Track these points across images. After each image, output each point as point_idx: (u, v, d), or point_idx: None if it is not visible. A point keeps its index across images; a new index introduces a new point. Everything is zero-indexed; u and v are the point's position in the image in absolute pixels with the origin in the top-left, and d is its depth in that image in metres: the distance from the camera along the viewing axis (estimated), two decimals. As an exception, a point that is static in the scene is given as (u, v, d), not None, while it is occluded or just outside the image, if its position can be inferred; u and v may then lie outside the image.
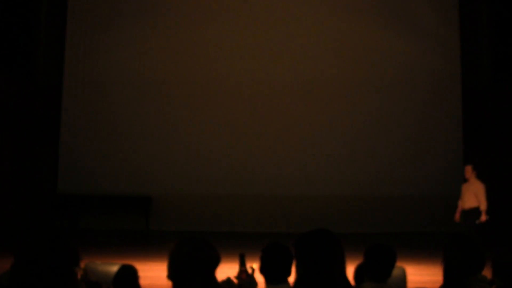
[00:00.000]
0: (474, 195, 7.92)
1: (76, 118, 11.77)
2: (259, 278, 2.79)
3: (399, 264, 5.33)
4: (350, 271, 2.39)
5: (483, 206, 7.81)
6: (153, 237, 10.71)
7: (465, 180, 8.11)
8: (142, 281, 3.43)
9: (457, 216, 8.22)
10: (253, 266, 2.79)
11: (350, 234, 8.41)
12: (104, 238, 10.16)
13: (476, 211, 7.89)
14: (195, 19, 11.90)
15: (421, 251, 8.10)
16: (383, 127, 11.66)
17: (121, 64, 11.85)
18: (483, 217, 7.81)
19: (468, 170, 8.11)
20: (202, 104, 11.73)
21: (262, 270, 2.69)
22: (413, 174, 11.48)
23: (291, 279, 2.38)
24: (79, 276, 3.78)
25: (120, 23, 11.93)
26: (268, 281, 2.65)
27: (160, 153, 11.61)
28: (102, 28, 11.95)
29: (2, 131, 10.08)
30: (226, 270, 2.99)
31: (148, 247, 9.40)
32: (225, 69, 11.78)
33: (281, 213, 11.26)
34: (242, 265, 3.08)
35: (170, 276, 1.99)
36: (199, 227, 10.59)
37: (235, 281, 3.04)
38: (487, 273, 2.45)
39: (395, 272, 4.69)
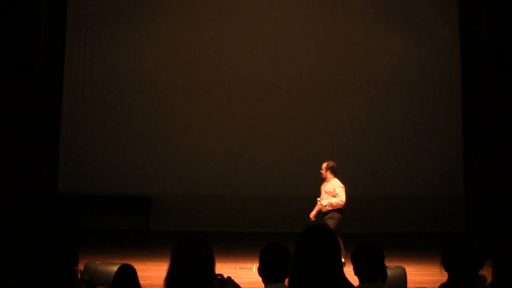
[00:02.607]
0: (330, 195, 6.99)
1: (76, 118, 11.77)
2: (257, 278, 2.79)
3: (399, 264, 5.35)
4: (350, 271, 2.39)
5: (333, 201, 6.84)
6: (153, 237, 10.71)
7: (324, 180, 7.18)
8: (142, 281, 3.43)
9: (312, 214, 7.21)
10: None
11: (350, 234, 8.40)
12: (104, 238, 10.16)
13: (333, 212, 7.00)
14: (195, 19, 11.91)
15: (421, 251, 8.10)
16: (383, 127, 11.66)
17: (121, 64, 11.86)
18: (321, 207, 6.89)
19: (323, 168, 7.14)
20: (202, 104, 11.73)
21: (261, 270, 2.70)
22: (413, 174, 11.48)
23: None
24: (79, 276, 3.79)
25: (120, 23, 11.94)
26: (266, 280, 2.66)
27: (160, 153, 11.60)
28: (102, 28, 11.95)
29: (2, 131, 10.08)
30: (226, 270, 2.99)
31: (148, 247, 9.41)
32: (225, 70, 11.78)
33: (281, 213, 11.25)
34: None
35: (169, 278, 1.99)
36: (199, 227, 10.58)
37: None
38: (486, 273, 2.45)
39: (395, 272, 4.71)
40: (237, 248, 8.68)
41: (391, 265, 4.81)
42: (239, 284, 2.89)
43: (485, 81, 11.49)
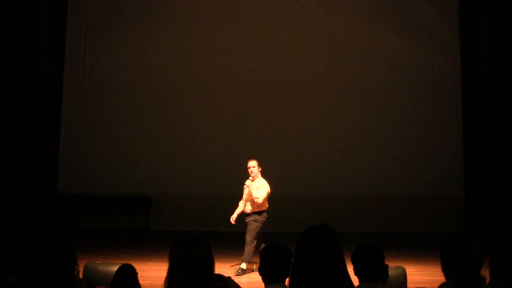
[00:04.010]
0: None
1: (76, 118, 11.78)
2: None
3: (399, 264, 5.34)
4: (349, 271, 2.39)
5: (256, 197, 6.50)
6: (153, 237, 10.71)
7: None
8: (142, 281, 3.43)
9: (233, 217, 7.02)
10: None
11: (350, 234, 8.40)
12: (104, 238, 10.16)
13: (256, 214, 6.71)
14: (195, 19, 11.91)
15: (421, 251, 8.09)
16: (384, 127, 11.66)
17: (121, 64, 11.86)
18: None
19: (255, 165, 6.80)
20: (202, 104, 11.73)
21: (261, 270, 2.70)
22: (413, 174, 11.48)
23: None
24: (80, 276, 3.79)
25: (120, 23, 11.94)
26: (267, 280, 2.66)
27: (160, 153, 11.60)
28: (102, 28, 11.95)
29: (2, 131, 10.08)
30: (226, 270, 2.99)
31: (148, 247, 9.40)
32: (225, 70, 11.78)
33: (281, 213, 11.24)
34: None
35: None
36: (199, 227, 10.58)
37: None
38: (484, 273, 2.44)
39: (395, 272, 4.70)
40: (237, 248, 8.68)
41: (391, 265, 4.80)
42: (239, 284, 2.89)
43: (485, 81, 11.50)
